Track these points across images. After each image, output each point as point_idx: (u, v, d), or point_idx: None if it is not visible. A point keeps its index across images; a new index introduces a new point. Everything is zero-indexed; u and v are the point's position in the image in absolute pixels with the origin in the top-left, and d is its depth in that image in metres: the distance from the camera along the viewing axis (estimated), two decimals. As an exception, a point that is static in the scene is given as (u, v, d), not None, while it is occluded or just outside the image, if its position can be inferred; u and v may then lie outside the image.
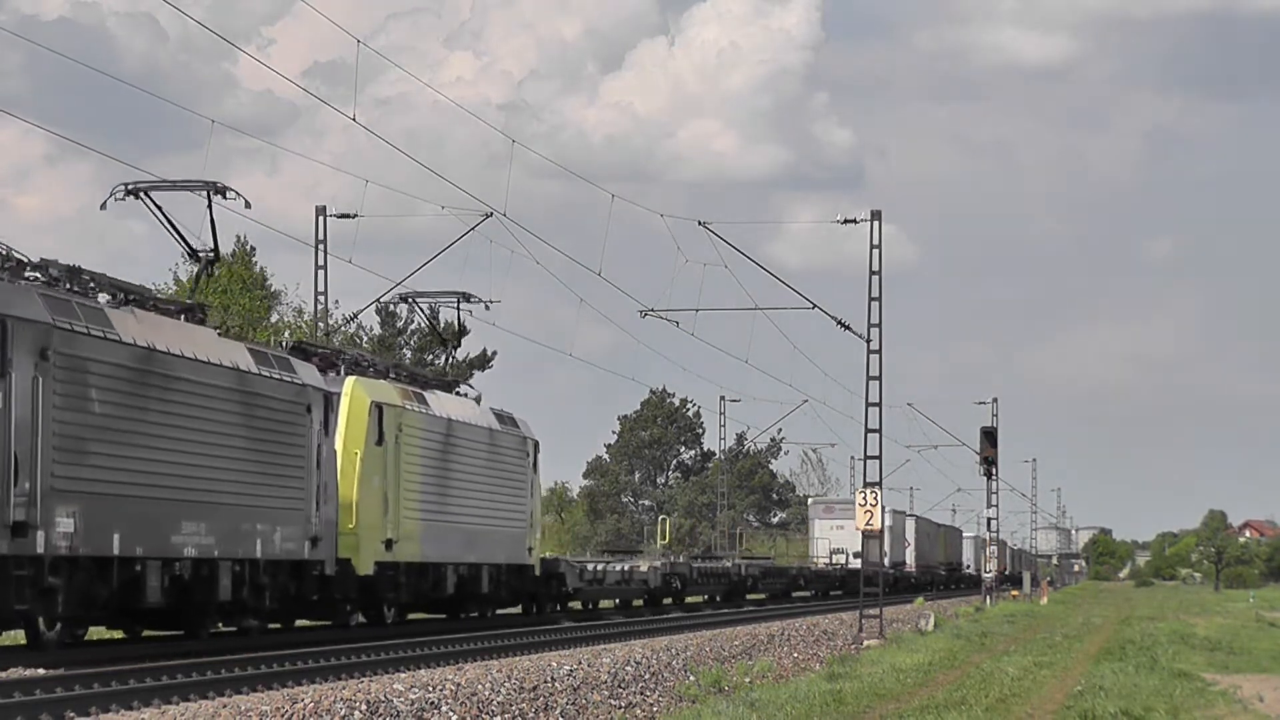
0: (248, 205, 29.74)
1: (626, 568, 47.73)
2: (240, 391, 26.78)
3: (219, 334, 27.55)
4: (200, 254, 30.28)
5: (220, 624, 27.91)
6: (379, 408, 31.71)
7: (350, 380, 31.59)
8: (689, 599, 55.28)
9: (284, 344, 33.54)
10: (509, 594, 38.84)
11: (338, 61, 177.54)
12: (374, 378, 32.98)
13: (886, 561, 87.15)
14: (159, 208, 29.64)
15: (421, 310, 41.01)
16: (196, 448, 25.53)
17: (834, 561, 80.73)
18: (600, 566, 46.20)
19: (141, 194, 29.30)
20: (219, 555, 26.06)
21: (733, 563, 62.49)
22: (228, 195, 29.60)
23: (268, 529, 27.51)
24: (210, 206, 29.34)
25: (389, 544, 31.94)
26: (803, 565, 78.39)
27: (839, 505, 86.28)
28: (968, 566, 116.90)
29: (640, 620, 42.19)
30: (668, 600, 52.64)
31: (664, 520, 66.01)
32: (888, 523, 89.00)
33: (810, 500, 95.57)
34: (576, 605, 45.98)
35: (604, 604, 48.87)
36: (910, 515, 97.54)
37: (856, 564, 79.79)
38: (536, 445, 40.15)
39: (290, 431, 28.32)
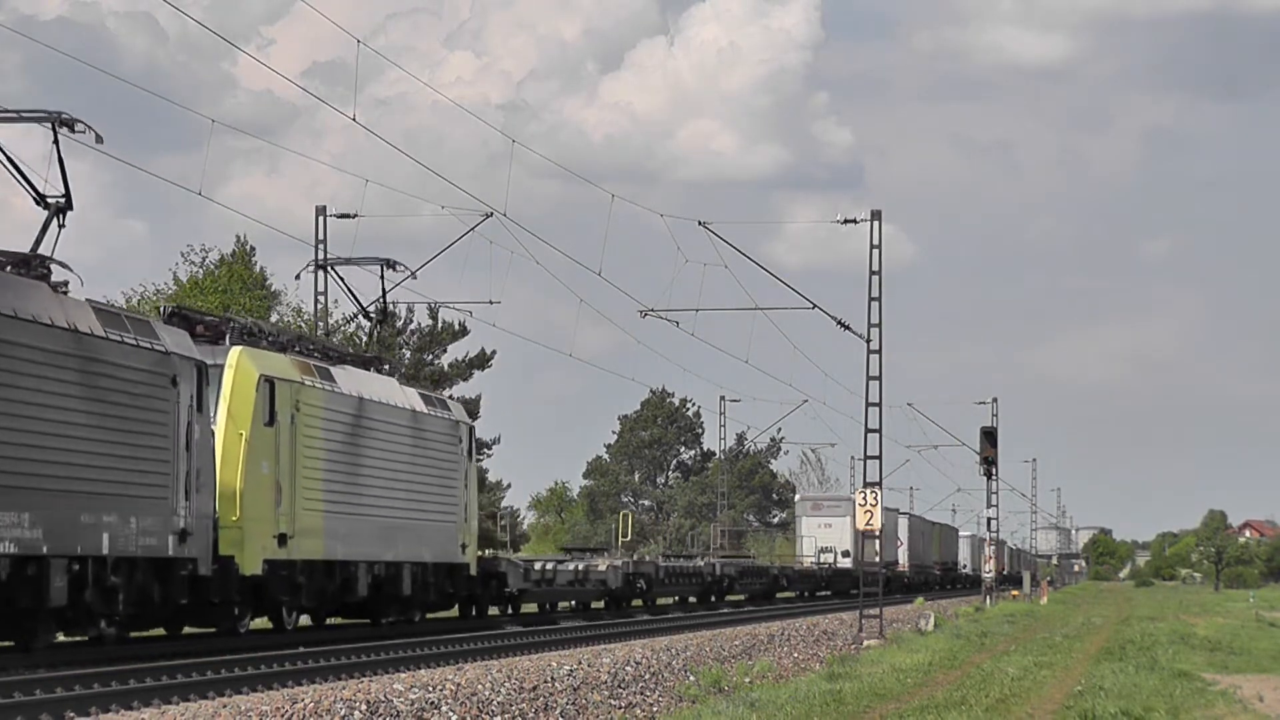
0: (99, 140, 25.18)
1: (581, 567, 43.93)
2: (79, 358, 22.71)
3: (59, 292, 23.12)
4: (50, 201, 25.03)
5: (61, 633, 23.97)
6: (269, 382, 27.86)
7: (235, 350, 27.65)
8: (660, 601, 52.56)
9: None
10: (439, 596, 35.27)
11: (337, 61, 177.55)
12: (271, 350, 29.07)
13: (879, 561, 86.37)
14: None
15: (342, 282, 37.51)
16: (14, 421, 21.48)
17: (822, 561, 78.17)
18: (549, 566, 42.36)
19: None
20: (49, 552, 22.00)
21: (705, 561, 58.98)
22: (76, 129, 24.92)
23: (117, 521, 23.38)
24: (57, 142, 25.00)
25: (282, 539, 28.11)
26: (785, 565, 75.09)
27: (827, 503, 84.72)
28: (964, 566, 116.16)
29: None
30: (638, 603, 49.64)
31: (625, 515, 62.47)
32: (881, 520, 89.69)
33: (797, 498, 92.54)
34: (534, 608, 43.16)
35: (564, 606, 45.71)
36: (904, 513, 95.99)
37: (846, 563, 78.14)
38: (471, 430, 36.75)
39: (149, 407, 24.10)
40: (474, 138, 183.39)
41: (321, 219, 45.20)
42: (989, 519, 71.20)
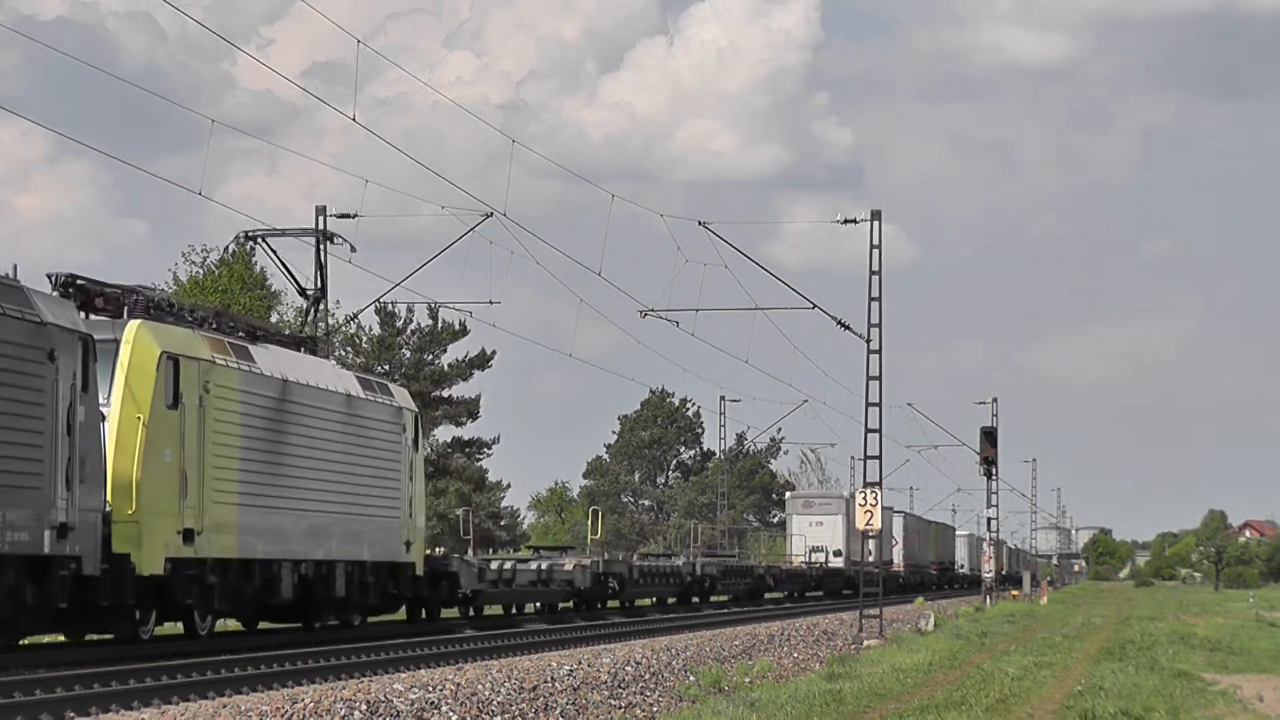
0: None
1: (544, 567, 41.31)
2: None
3: None
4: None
5: None
6: (173, 360, 25.23)
7: (133, 325, 25.11)
8: (639, 602, 50.66)
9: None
10: (381, 598, 32.51)
11: (336, 61, 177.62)
12: (179, 325, 26.48)
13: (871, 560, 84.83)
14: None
15: (274, 256, 35.38)
16: None
17: (812, 560, 75.83)
18: (508, 565, 39.59)
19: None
20: None
21: (684, 561, 56.11)
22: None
23: None
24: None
25: (189, 535, 25.44)
26: (772, 564, 71.65)
27: (818, 500, 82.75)
28: (961, 566, 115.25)
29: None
30: (614, 604, 47.24)
31: (595, 512, 59.25)
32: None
33: (788, 496, 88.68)
34: (501, 610, 41.18)
35: (533, 608, 43.09)
36: (899, 512, 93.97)
37: (837, 563, 76.48)
38: (416, 418, 33.97)
39: (20, 384, 21.45)
40: (474, 138, 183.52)
41: (322, 219, 45.17)
42: (989, 519, 71.27)
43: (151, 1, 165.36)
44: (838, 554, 77.12)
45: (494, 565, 39.04)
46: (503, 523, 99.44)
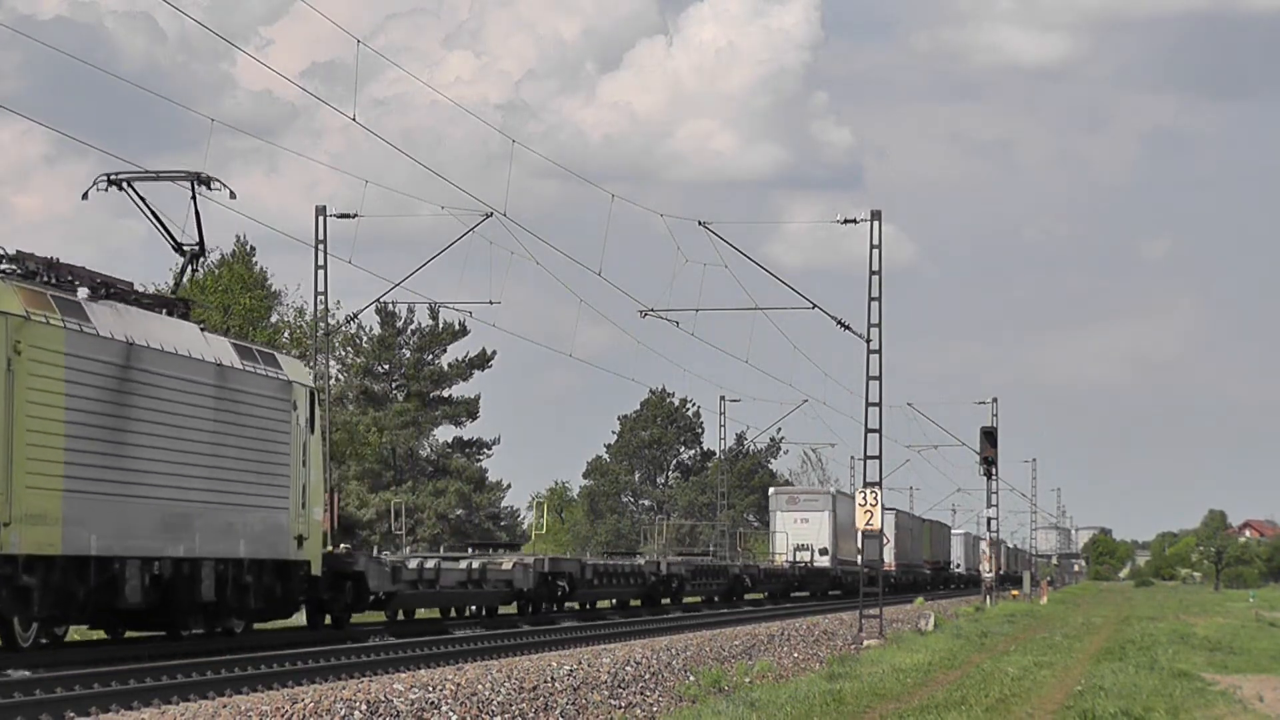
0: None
1: (475, 566, 37.04)
2: None
3: None
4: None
5: None
6: None
7: None
8: (600, 604, 47.09)
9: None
10: (266, 602, 27.97)
11: (336, 62, 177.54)
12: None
13: (859, 560, 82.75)
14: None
15: (134, 194, 27.89)
16: None
17: (797, 559, 71.98)
18: (430, 564, 35.19)
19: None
20: None
21: (648, 560, 51.69)
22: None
23: None
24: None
25: None
26: (748, 563, 66.55)
27: (804, 496, 78.58)
28: (957, 565, 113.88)
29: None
30: (574, 605, 43.83)
31: (539, 504, 54.02)
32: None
33: (772, 491, 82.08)
34: (437, 612, 38.31)
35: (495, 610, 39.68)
36: (889, 509, 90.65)
37: (823, 562, 73.34)
38: (312, 394, 29.39)
39: None
40: (473, 138, 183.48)
41: (321, 219, 45.23)
42: (989, 519, 71.27)
43: (151, 1, 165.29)
44: (824, 552, 74.43)
45: (412, 564, 34.57)
46: (503, 523, 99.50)
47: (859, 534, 73.46)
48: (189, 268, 29.60)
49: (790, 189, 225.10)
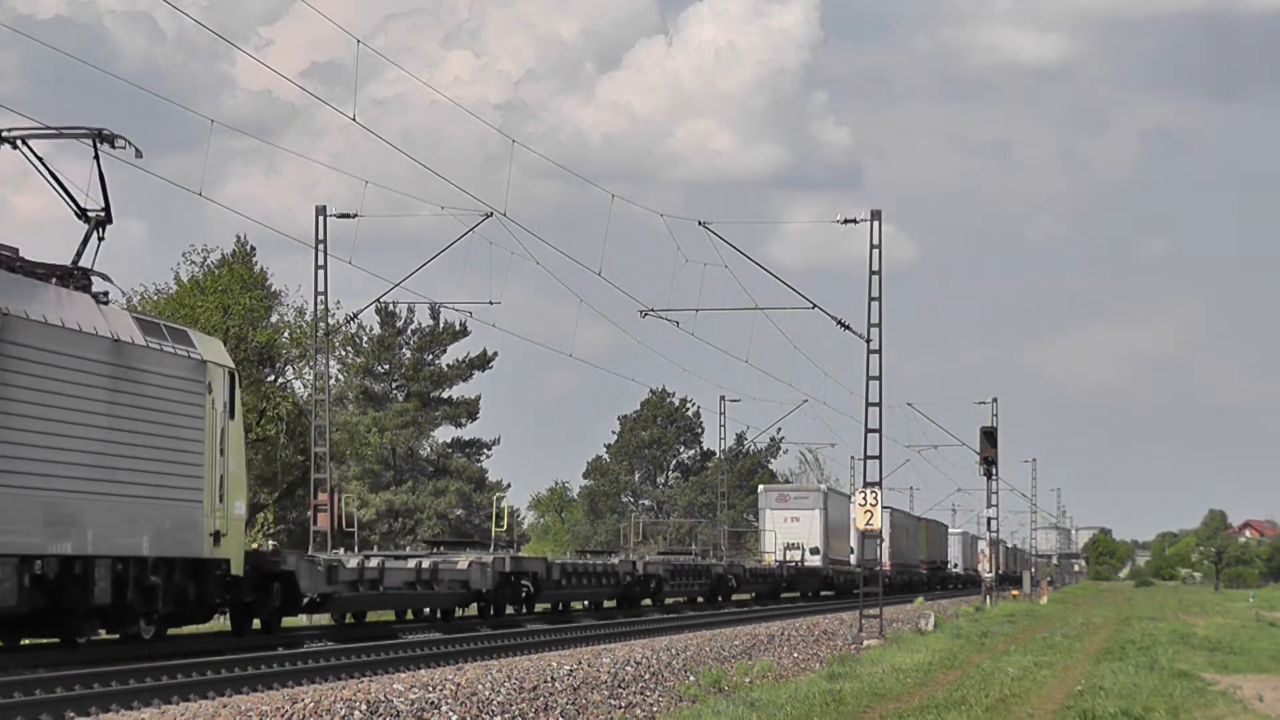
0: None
1: (425, 565, 34.39)
2: None
3: None
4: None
5: None
6: None
7: None
8: (574, 605, 44.95)
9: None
10: (178, 605, 25.33)
11: (335, 62, 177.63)
12: None
13: (852, 560, 76.13)
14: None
15: (29, 152, 24.77)
16: None
17: (788, 558, 69.18)
18: (373, 563, 32.44)
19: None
20: None
21: (622, 559, 48.55)
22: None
23: None
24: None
25: None
26: (733, 562, 63.56)
27: (794, 494, 75.66)
28: (954, 565, 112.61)
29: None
30: (545, 607, 42.01)
31: (498, 499, 50.26)
32: (852, 515, 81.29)
33: (761, 489, 79.32)
34: (392, 616, 36.32)
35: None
36: (885, 507, 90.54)
37: (814, 561, 70.86)
38: (232, 375, 26.83)
39: None
40: (472, 138, 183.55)
41: (322, 219, 45.23)
42: (989, 519, 71.29)
43: (150, 1, 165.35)
44: (815, 552, 72.07)
45: (351, 563, 31.54)
46: (503, 523, 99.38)
47: (852, 533, 72.66)
48: (94, 235, 25.14)
49: (790, 189, 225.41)
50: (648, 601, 50.02)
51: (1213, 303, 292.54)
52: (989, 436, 60.83)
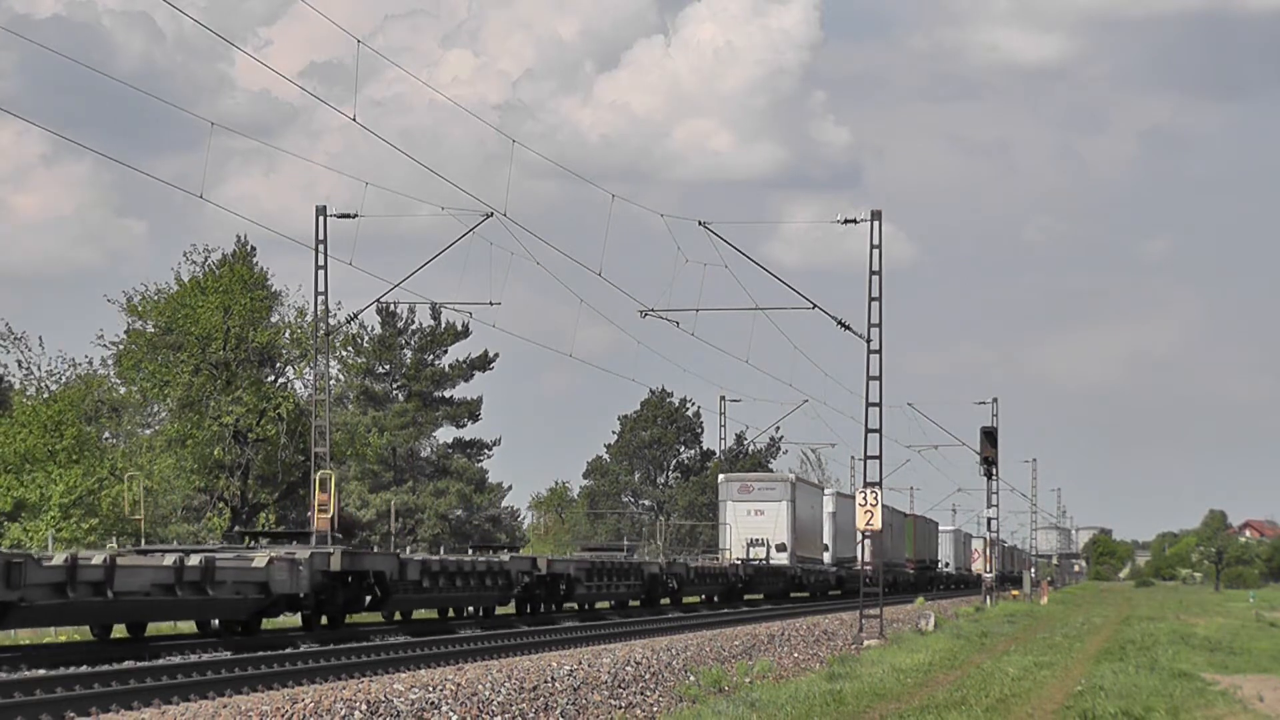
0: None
1: (194, 562, 26.48)
2: None
3: None
4: None
5: None
6: None
7: None
8: (463, 612, 38.18)
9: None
10: None
11: (334, 62, 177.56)
12: None
13: (828, 558, 72.33)
14: None
15: None
16: None
17: (751, 556, 62.63)
18: (96, 561, 24.59)
19: None
20: None
21: (514, 556, 39.57)
22: None
23: None
24: None
25: None
26: (673, 561, 53.58)
27: (758, 484, 66.77)
28: (945, 565, 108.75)
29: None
30: (400, 615, 36.01)
31: (321, 479, 42.85)
32: (828, 509, 74.18)
33: (721, 478, 69.26)
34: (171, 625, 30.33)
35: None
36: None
37: (781, 559, 63.99)
38: None
39: None
40: (471, 137, 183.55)
41: (322, 218, 45.24)
42: (989, 519, 71.30)
43: (149, 1, 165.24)
44: (781, 549, 64.76)
45: (55, 561, 24.02)
46: (503, 523, 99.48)
47: (826, 529, 70.15)
48: None
49: (789, 189, 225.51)
50: (560, 608, 42.74)
51: (1213, 303, 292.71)
52: (989, 436, 60.86)
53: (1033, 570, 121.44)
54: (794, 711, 20.35)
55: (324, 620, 31.40)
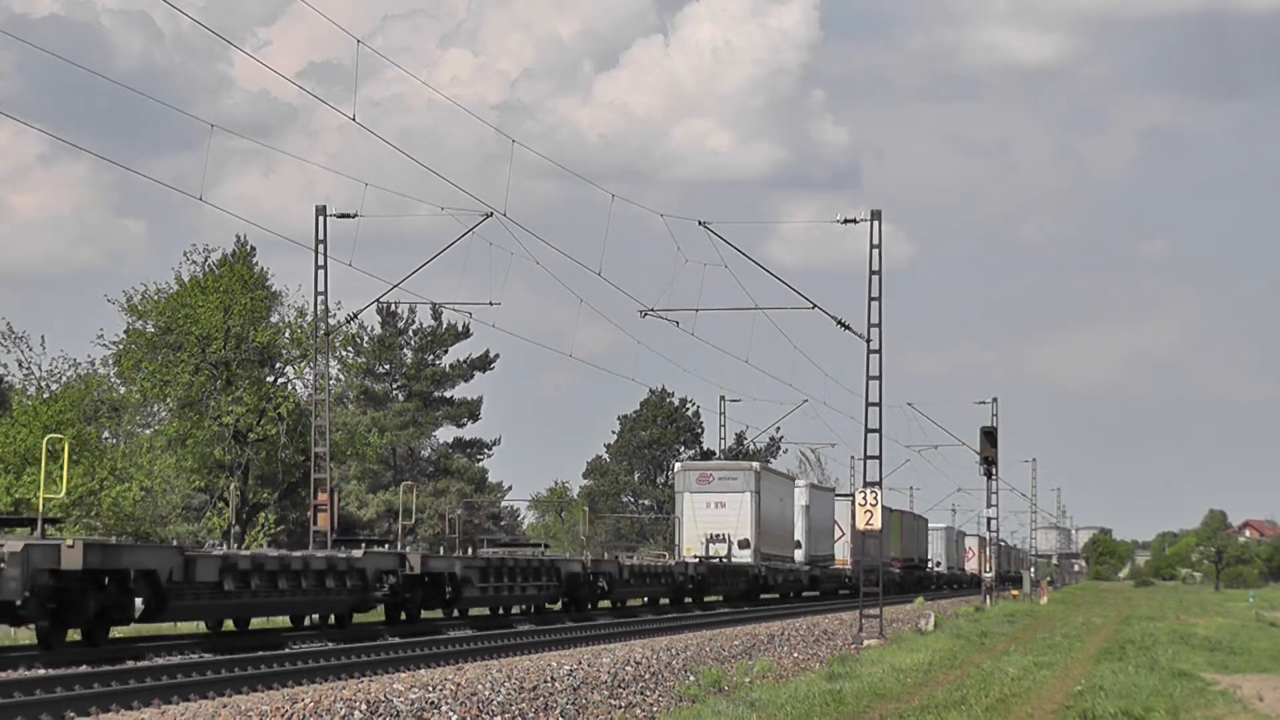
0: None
1: None
2: None
3: None
4: None
5: None
6: None
7: None
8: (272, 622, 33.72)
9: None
10: None
11: (333, 62, 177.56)
12: None
13: (800, 556, 67.21)
14: None
15: None
16: None
17: (711, 552, 56.71)
18: None
19: None
20: None
21: (370, 551, 33.41)
22: None
23: None
24: None
25: None
26: (602, 559, 47.19)
27: (719, 474, 60.12)
28: (936, 564, 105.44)
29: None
30: (210, 626, 30.01)
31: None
32: (801, 502, 68.59)
33: (678, 466, 64.07)
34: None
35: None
36: (842, 495, 75.01)
37: (744, 556, 58.23)
38: None
39: None
40: (470, 137, 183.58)
41: (321, 218, 45.23)
42: (989, 519, 71.30)
43: (147, 0, 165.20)
44: (744, 545, 58.45)
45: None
46: (502, 523, 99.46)
47: (799, 524, 68.03)
48: None
49: (788, 189, 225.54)
50: (447, 614, 38.14)
51: (1212, 303, 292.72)
52: (989, 436, 60.83)
53: (1032, 570, 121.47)
54: (794, 711, 20.35)
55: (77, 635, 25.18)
